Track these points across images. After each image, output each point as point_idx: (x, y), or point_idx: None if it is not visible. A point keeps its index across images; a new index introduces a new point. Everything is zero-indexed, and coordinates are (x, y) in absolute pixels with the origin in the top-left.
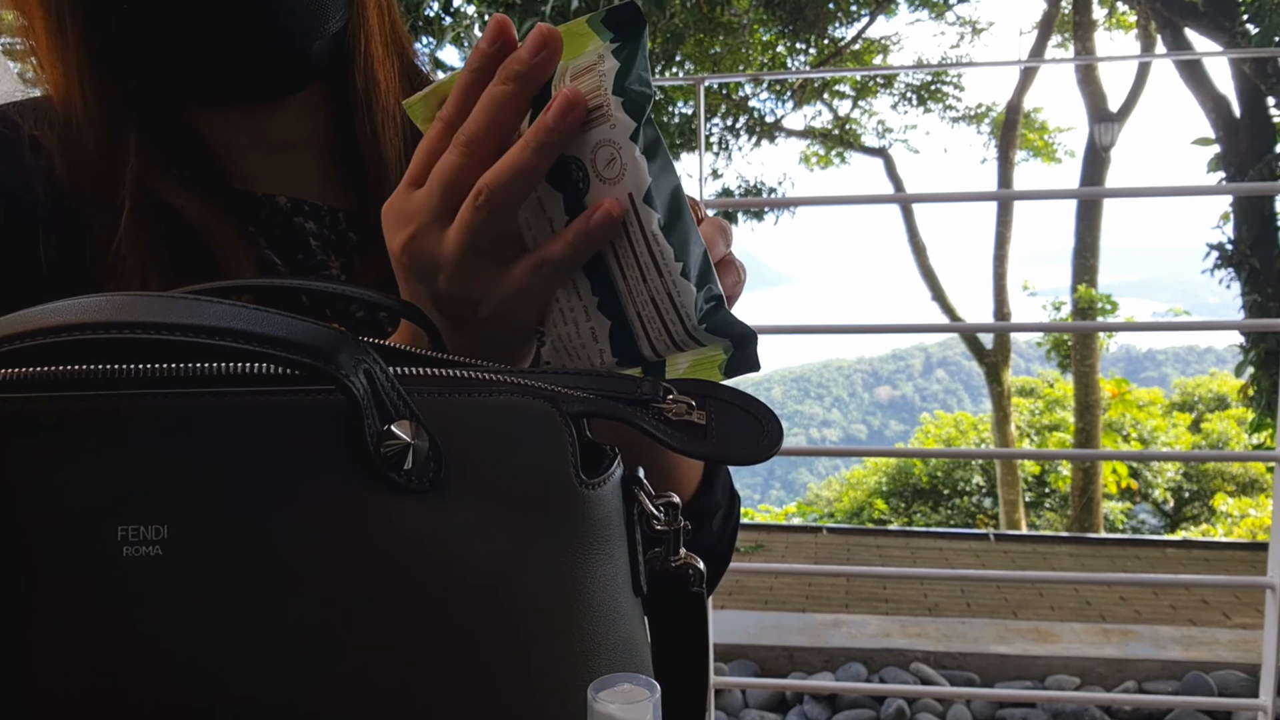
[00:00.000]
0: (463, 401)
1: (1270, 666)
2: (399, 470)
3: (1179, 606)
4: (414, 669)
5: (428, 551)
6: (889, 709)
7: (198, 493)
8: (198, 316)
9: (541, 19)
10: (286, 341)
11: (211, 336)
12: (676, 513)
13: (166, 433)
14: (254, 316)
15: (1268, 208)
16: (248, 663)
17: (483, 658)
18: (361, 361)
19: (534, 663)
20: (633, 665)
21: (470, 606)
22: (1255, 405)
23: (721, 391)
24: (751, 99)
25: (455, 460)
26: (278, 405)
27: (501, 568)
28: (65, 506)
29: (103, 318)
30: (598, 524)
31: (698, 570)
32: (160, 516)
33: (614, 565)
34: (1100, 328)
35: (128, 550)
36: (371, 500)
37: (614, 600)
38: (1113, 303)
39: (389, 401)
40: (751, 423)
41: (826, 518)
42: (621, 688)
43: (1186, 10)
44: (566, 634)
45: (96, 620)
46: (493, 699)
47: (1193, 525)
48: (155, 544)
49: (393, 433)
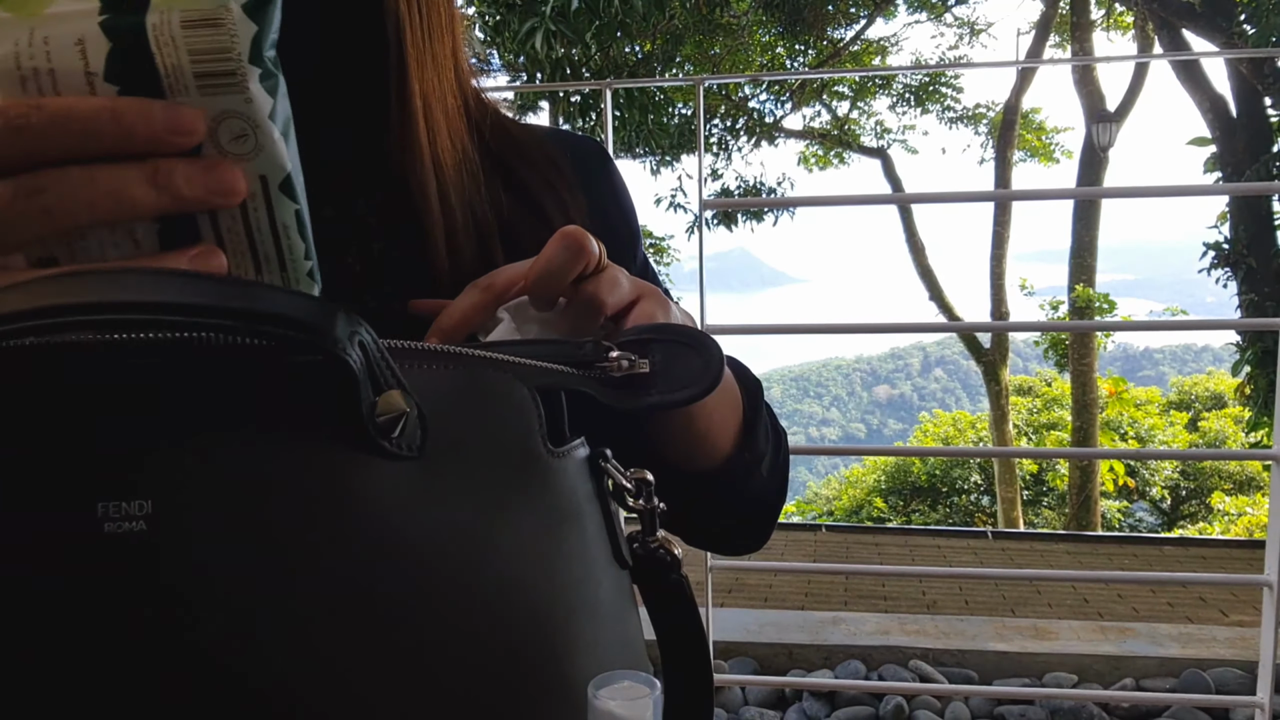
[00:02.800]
0: (433, 372)
1: (1267, 664)
2: (389, 438)
3: (1176, 604)
4: (400, 642)
5: (412, 520)
6: (888, 706)
7: (182, 466)
8: (190, 295)
9: (541, 20)
10: (281, 317)
11: (205, 315)
12: (650, 490)
13: (149, 404)
14: (248, 292)
15: (1264, 207)
16: (234, 638)
17: (462, 627)
18: (355, 332)
19: (510, 627)
20: (619, 636)
21: (449, 574)
22: (1252, 404)
23: (664, 332)
24: (751, 100)
25: (433, 429)
26: (265, 374)
27: (476, 535)
28: (45, 481)
29: (94, 298)
30: (566, 492)
31: (674, 556)
32: (144, 492)
33: (586, 535)
34: (1097, 327)
35: (110, 527)
36: (363, 471)
37: (588, 569)
38: (1110, 302)
39: (379, 372)
40: (693, 358)
41: (825, 516)
42: (621, 685)
43: (1183, 11)
44: (543, 597)
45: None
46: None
47: (1190, 523)
48: (139, 520)
49: (385, 402)
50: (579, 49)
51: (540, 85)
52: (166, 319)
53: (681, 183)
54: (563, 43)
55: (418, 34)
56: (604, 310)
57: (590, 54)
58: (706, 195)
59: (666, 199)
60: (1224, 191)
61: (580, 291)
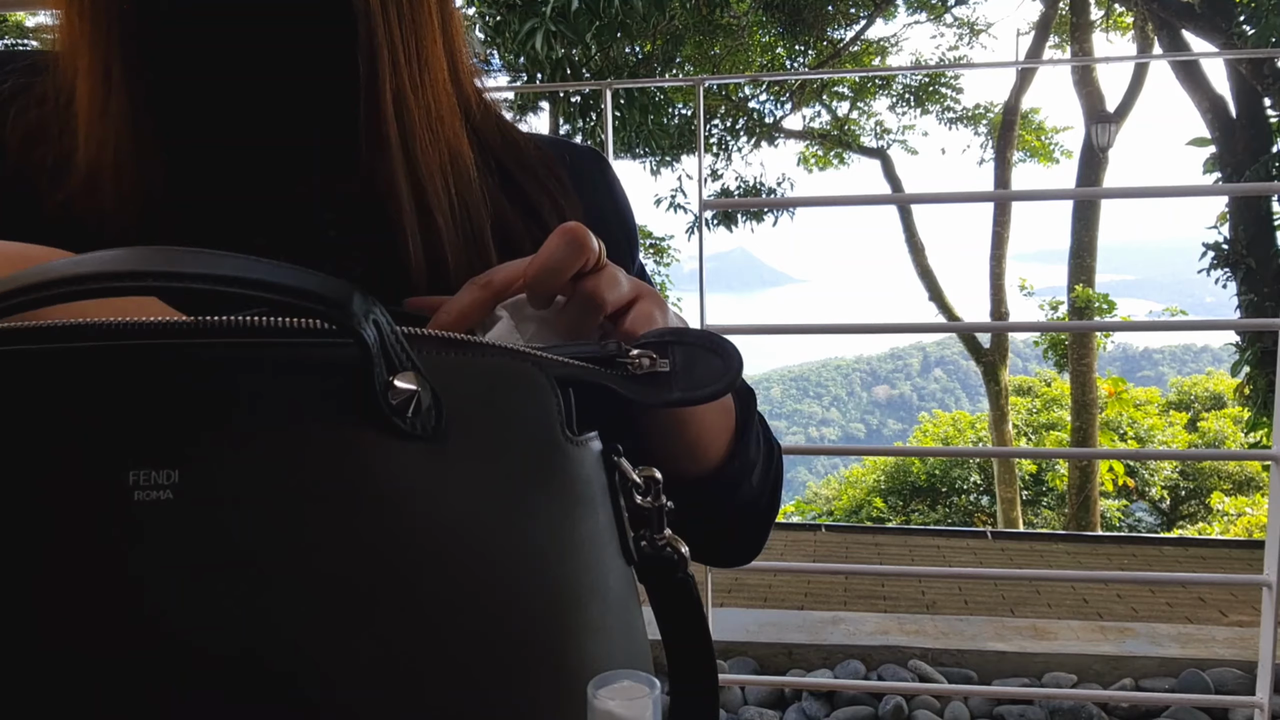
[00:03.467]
0: (457, 360)
1: (1266, 664)
2: (404, 417)
3: (1176, 604)
4: (418, 617)
5: (430, 500)
6: (887, 706)
7: (209, 438)
8: (217, 267)
9: (541, 20)
10: (303, 290)
11: (231, 286)
12: (659, 488)
13: (179, 380)
14: (270, 268)
15: (1264, 208)
16: (254, 610)
17: (477, 604)
18: (370, 312)
19: (527, 602)
20: (624, 625)
21: (466, 553)
22: (1251, 404)
23: (684, 336)
24: (751, 100)
25: (452, 414)
26: (286, 356)
27: (495, 516)
28: (77, 450)
29: (126, 267)
30: (582, 479)
31: (681, 555)
32: (172, 461)
33: (598, 522)
34: (1097, 327)
35: (139, 494)
36: (379, 449)
37: (599, 555)
38: (1110, 302)
39: (394, 352)
40: (713, 359)
41: (825, 516)
42: (621, 684)
43: (1183, 11)
44: (558, 577)
45: (106, 564)
46: (485, 643)
47: (1189, 523)
48: (166, 488)
49: (398, 382)
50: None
51: (540, 85)
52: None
53: (681, 183)
54: (563, 43)
55: (394, 30)
56: (603, 308)
57: (590, 54)
58: (706, 195)
59: (666, 199)
60: (1223, 192)
61: (579, 289)
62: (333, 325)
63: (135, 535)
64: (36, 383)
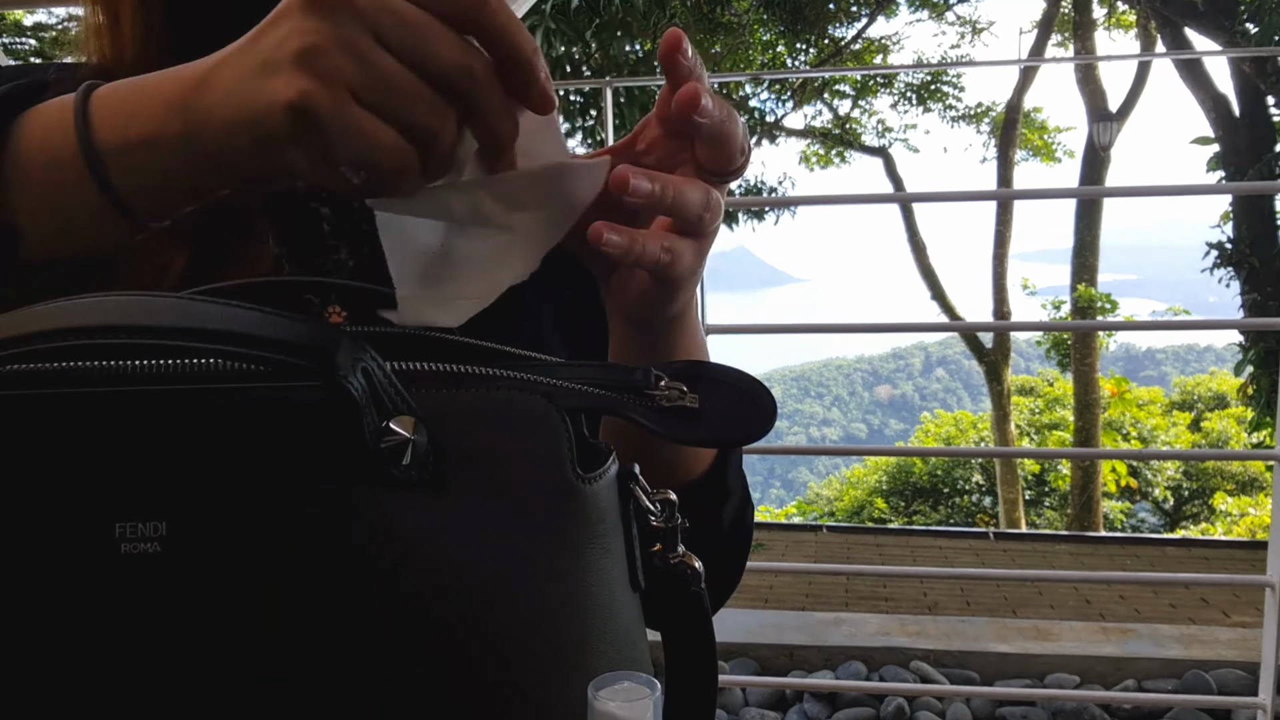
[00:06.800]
0: (460, 396)
1: (1269, 664)
2: (398, 465)
3: (1178, 605)
4: (416, 666)
5: (429, 547)
6: (889, 707)
7: (197, 489)
8: (194, 319)
9: (541, 18)
10: (284, 343)
11: (206, 340)
12: (673, 509)
13: (166, 429)
14: (250, 318)
15: (1267, 207)
16: (245, 663)
17: (483, 653)
18: (359, 360)
19: (533, 657)
20: (630, 660)
21: (471, 600)
22: (1254, 404)
23: (713, 371)
24: (752, 98)
25: (453, 455)
26: (277, 400)
27: (501, 562)
28: (63, 502)
29: (99, 321)
30: (595, 519)
31: (695, 570)
32: (159, 513)
33: (611, 560)
34: (1100, 326)
35: (126, 547)
36: (371, 497)
37: (611, 595)
38: (1112, 302)
39: (387, 398)
40: (744, 401)
41: (826, 516)
42: (621, 685)
43: (1186, 10)
44: (565, 628)
45: (92, 617)
46: (492, 693)
47: (1192, 524)
48: (154, 541)
49: (391, 429)
50: (579, 47)
51: None
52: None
53: None
54: (563, 41)
55: None
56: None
57: (590, 52)
58: None
59: None
60: (1227, 191)
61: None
62: (318, 380)
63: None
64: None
